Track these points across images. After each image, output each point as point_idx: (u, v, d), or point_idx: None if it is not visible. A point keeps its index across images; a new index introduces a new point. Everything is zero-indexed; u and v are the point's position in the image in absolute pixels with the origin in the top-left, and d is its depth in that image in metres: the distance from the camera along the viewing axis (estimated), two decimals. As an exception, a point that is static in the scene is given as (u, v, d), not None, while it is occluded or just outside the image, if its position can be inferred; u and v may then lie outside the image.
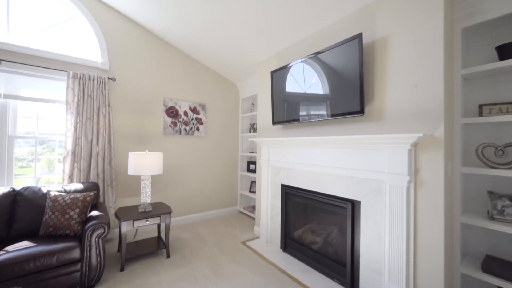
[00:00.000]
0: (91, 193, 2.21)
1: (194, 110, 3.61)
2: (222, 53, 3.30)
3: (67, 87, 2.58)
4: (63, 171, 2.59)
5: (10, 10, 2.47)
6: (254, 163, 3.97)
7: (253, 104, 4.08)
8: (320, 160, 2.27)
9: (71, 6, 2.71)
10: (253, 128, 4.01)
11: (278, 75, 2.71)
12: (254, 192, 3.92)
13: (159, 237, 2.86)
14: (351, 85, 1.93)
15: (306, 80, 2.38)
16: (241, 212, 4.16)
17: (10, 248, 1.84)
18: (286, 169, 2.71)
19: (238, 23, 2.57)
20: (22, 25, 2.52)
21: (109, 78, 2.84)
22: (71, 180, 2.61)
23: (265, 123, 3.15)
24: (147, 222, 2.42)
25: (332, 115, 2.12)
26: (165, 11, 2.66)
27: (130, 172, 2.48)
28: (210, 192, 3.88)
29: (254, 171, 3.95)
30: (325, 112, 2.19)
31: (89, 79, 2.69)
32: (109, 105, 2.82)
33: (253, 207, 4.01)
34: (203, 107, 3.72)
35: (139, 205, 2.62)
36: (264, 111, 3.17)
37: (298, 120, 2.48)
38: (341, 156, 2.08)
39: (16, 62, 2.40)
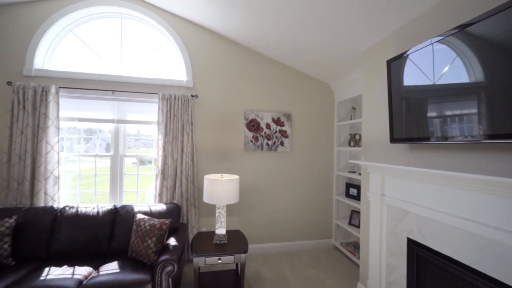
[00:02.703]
0: (167, 221, 2.08)
1: (277, 122, 3.08)
2: (312, 47, 2.57)
3: (158, 109, 2.68)
4: (155, 188, 2.71)
5: (122, 48, 2.84)
6: (356, 187, 2.95)
7: (353, 108, 3.07)
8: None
9: (162, 31, 2.84)
10: (354, 139, 3.00)
11: (402, 65, 1.68)
12: (356, 226, 2.91)
13: (237, 272, 2.50)
14: None
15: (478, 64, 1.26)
16: (337, 248, 3.23)
17: (103, 269, 1.92)
18: (418, 217, 1.63)
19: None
20: (127, 58, 2.85)
21: (192, 96, 2.78)
22: (161, 198, 2.70)
23: (375, 138, 2.15)
24: (220, 261, 2.06)
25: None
26: (247, 14, 2.27)
27: (205, 199, 2.23)
28: (297, 218, 3.21)
29: (355, 197, 2.94)
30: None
31: (175, 98, 2.70)
32: (192, 123, 2.75)
33: (355, 246, 2.99)
34: (288, 117, 3.11)
35: (215, 234, 2.34)
36: (373, 119, 2.17)
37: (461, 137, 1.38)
38: None
39: (122, 91, 2.70)
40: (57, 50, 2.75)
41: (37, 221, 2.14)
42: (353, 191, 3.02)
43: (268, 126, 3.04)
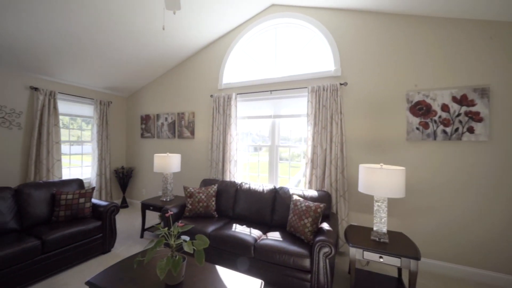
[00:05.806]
0: (321, 205, 2.14)
1: (462, 101, 2.27)
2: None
3: (308, 101, 2.85)
4: (305, 176, 2.90)
5: (276, 53, 3.32)
6: None
7: None
8: None
9: (309, 27, 3.00)
10: None
11: None
12: None
13: (399, 280, 2.10)
14: None
15: None
16: None
17: (269, 235, 2.32)
18: None
19: None
20: (280, 61, 3.27)
21: (340, 84, 2.70)
22: (310, 185, 2.84)
23: None
24: (382, 260, 1.82)
25: None
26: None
27: (361, 189, 2.06)
28: (500, 241, 2.18)
29: None
30: None
31: (323, 89, 2.75)
32: (341, 112, 2.67)
33: None
34: (483, 92, 2.20)
35: (372, 230, 2.10)
36: None
37: None
38: None
39: (277, 90, 3.14)
40: (235, 66, 3.69)
41: (227, 190, 2.96)
42: None
43: (444, 108, 2.32)
